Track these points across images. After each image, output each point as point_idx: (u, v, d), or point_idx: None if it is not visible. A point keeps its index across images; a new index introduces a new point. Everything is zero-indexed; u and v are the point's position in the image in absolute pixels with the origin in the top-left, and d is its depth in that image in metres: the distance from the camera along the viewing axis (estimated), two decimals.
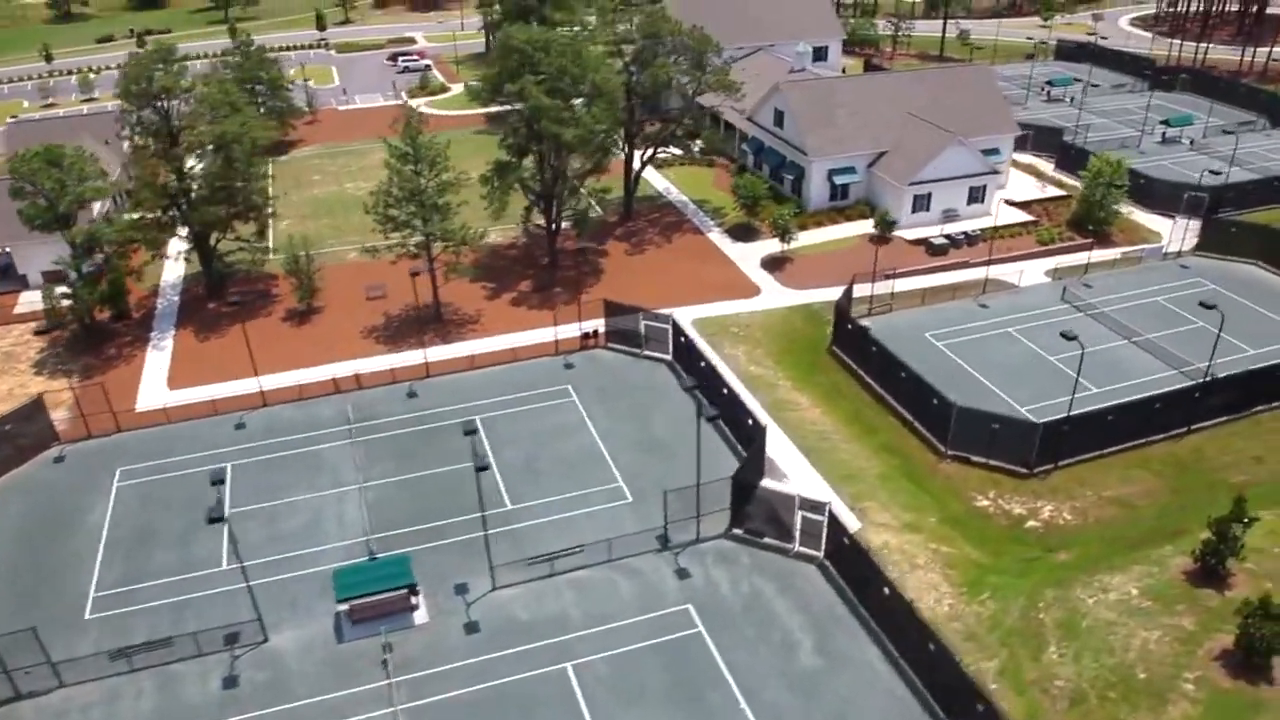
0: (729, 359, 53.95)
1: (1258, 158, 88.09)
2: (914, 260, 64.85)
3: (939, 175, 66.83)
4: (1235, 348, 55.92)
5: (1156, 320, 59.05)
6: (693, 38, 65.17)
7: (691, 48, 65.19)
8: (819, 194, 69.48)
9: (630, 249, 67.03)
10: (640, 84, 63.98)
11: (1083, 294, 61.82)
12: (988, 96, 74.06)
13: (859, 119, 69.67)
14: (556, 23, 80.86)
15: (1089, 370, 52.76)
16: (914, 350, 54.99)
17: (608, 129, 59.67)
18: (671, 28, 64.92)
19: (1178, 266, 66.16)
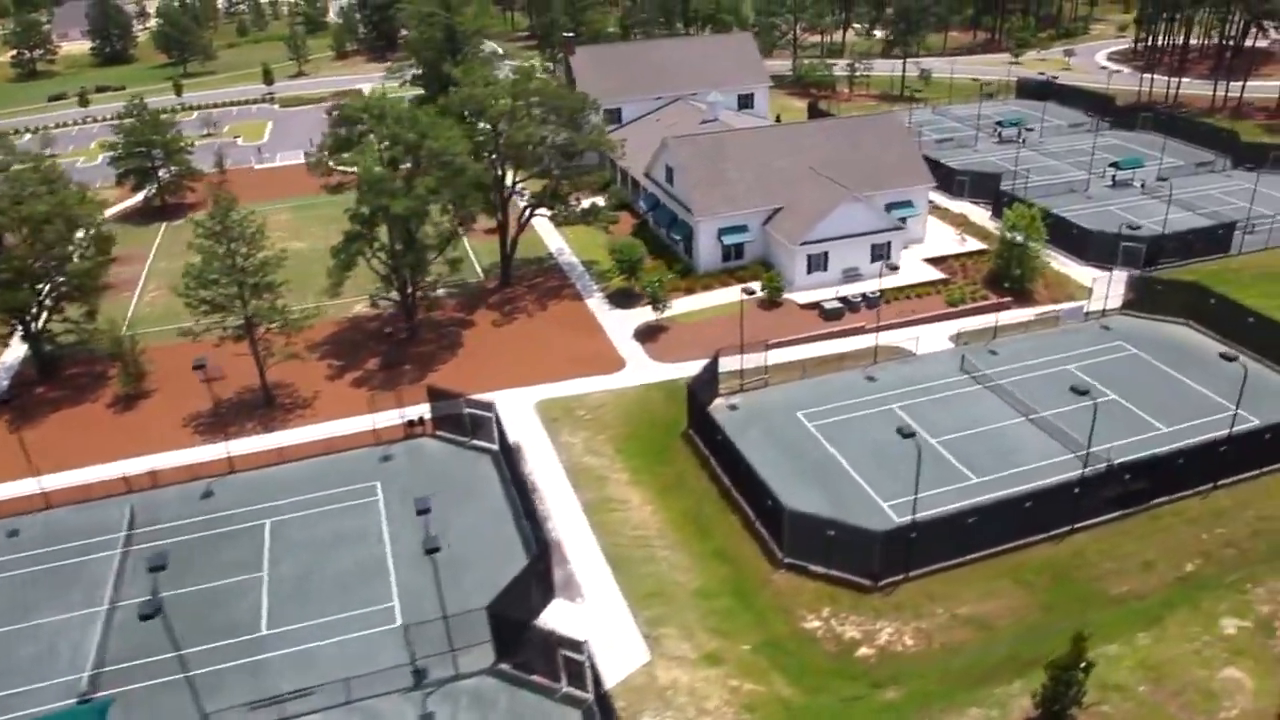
0: (563, 448, 48.68)
1: (1212, 201, 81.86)
2: (805, 326, 59.43)
3: (835, 233, 61.61)
4: (1145, 425, 49.79)
5: (1064, 393, 52.94)
6: (564, 96, 60.82)
7: (563, 107, 60.85)
8: (709, 255, 64.50)
9: (500, 318, 62.28)
10: (505, 146, 59.53)
11: (985, 362, 55.71)
12: (899, 146, 68.94)
13: (754, 174, 64.83)
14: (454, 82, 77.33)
15: (975, 456, 47.03)
16: (781, 433, 49.60)
17: (458, 196, 55.47)
18: (540, 86, 60.69)
19: (1099, 328, 60.08)
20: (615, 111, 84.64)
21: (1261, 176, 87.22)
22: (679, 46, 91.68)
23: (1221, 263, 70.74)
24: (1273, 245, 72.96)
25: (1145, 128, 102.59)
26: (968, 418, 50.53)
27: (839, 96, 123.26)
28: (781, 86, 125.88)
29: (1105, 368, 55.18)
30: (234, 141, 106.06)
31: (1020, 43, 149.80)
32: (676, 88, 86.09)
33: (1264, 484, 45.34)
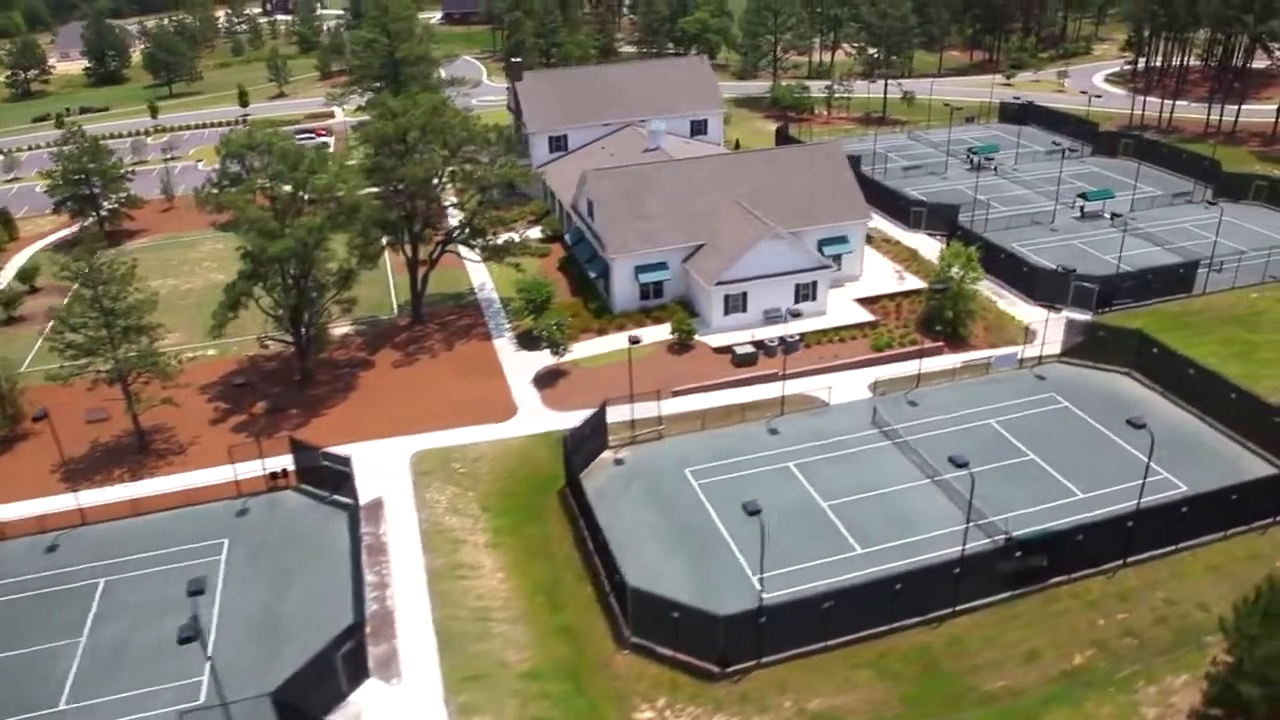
0: (427, 505, 45.86)
1: (1184, 235, 77.43)
2: (716, 372, 56.27)
3: (755, 272, 58.38)
4: (1060, 490, 45.95)
5: (980, 451, 48.93)
6: (470, 130, 58.29)
7: (479, 140, 58.37)
8: (625, 294, 61.51)
9: (402, 359, 59.73)
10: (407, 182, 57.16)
11: (901, 415, 52.21)
12: (836, 179, 65.59)
13: (677, 209, 61.85)
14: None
15: (868, 522, 43.54)
16: (663, 493, 46.39)
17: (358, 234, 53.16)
18: (449, 120, 58.21)
19: (1033, 377, 56.25)
20: (561, 138, 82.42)
21: (1243, 209, 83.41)
22: (631, 71, 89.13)
23: (1183, 304, 66.36)
24: (1240, 284, 68.58)
25: (1127, 154, 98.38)
26: (869, 478, 46.98)
27: (815, 119, 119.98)
28: (758, 109, 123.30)
29: (1030, 422, 51.32)
30: (195, 166, 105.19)
31: (1015, 63, 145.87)
32: (626, 114, 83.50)
33: (1179, 562, 41.34)
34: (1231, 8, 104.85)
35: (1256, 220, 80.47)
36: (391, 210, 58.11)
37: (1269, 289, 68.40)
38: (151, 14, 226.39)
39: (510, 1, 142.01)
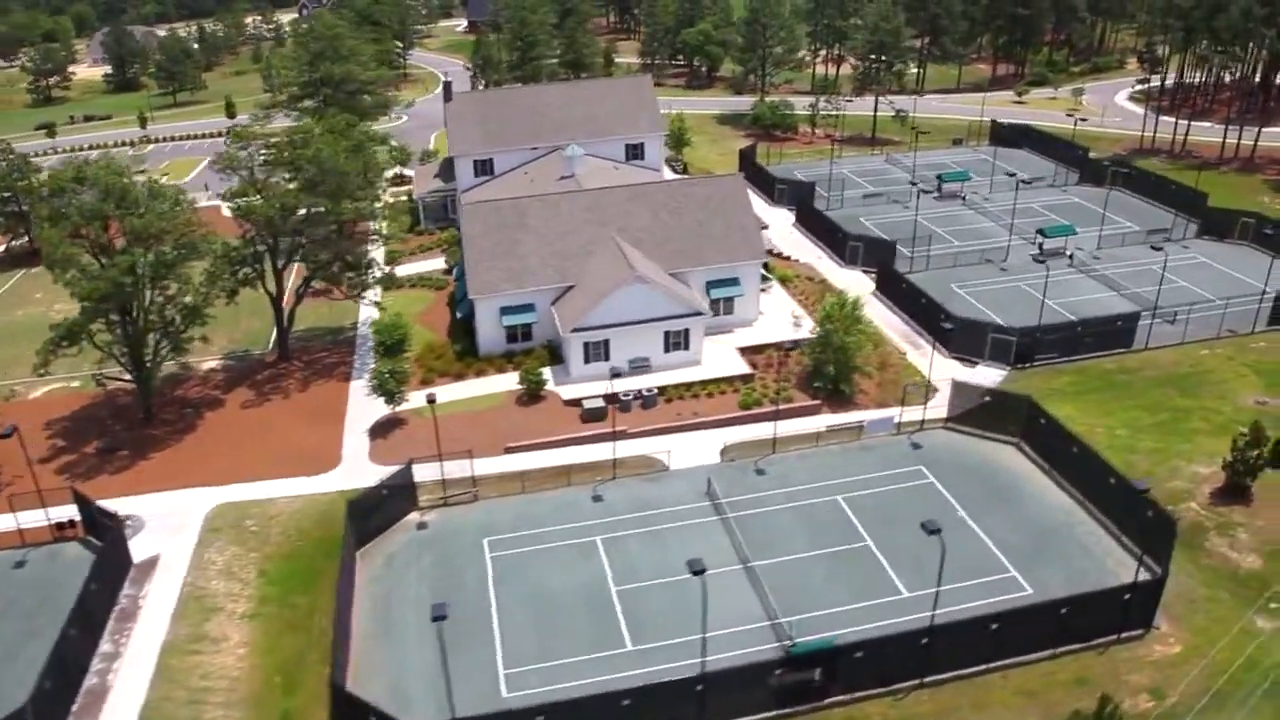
0: (201, 566, 43.52)
1: (1149, 279, 70.43)
2: (561, 427, 52.74)
3: (619, 318, 54.58)
4: (885, 588, 41.09)
5: (815, 533, 44.38)
6: (319, 162, 55.88)
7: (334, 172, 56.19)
8: (490, 336, 58.28)
9: (253, 399, 57.77)
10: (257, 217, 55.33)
11: (743, 485, 47.78)
12: (733, 215, 61.32)
13: (551, 246, 58.52)
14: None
15: (656, 615, 39.64)
16: (451, 566, 43.30)
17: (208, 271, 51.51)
18: (310, 154, 56.08)
19: (908, 445, 51.30)
20: (487, 162, 79.81)
21: (1227, 249, 75.85)
22: (567, 92, 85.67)
23: (1119, 360, 60.14)
24: (1192, 339, 61.90)
25: (1116, 183, 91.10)
26: (677, 560, 42.09)
27: (799, 139, 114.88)
28: (741, 127, 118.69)
29: (884, 500, 46.42)
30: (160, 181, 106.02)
31: (1037, 79, 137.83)
32: (558, 137, 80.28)
33: (987, 685, 36.23)
34: (1252, 20, 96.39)
35: (1237, 262, 72.99)
36: (249, 245, 56.61)
37: (1223, 345, 61.57)
38: (197, 19, 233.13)
39: (512, 12, 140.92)
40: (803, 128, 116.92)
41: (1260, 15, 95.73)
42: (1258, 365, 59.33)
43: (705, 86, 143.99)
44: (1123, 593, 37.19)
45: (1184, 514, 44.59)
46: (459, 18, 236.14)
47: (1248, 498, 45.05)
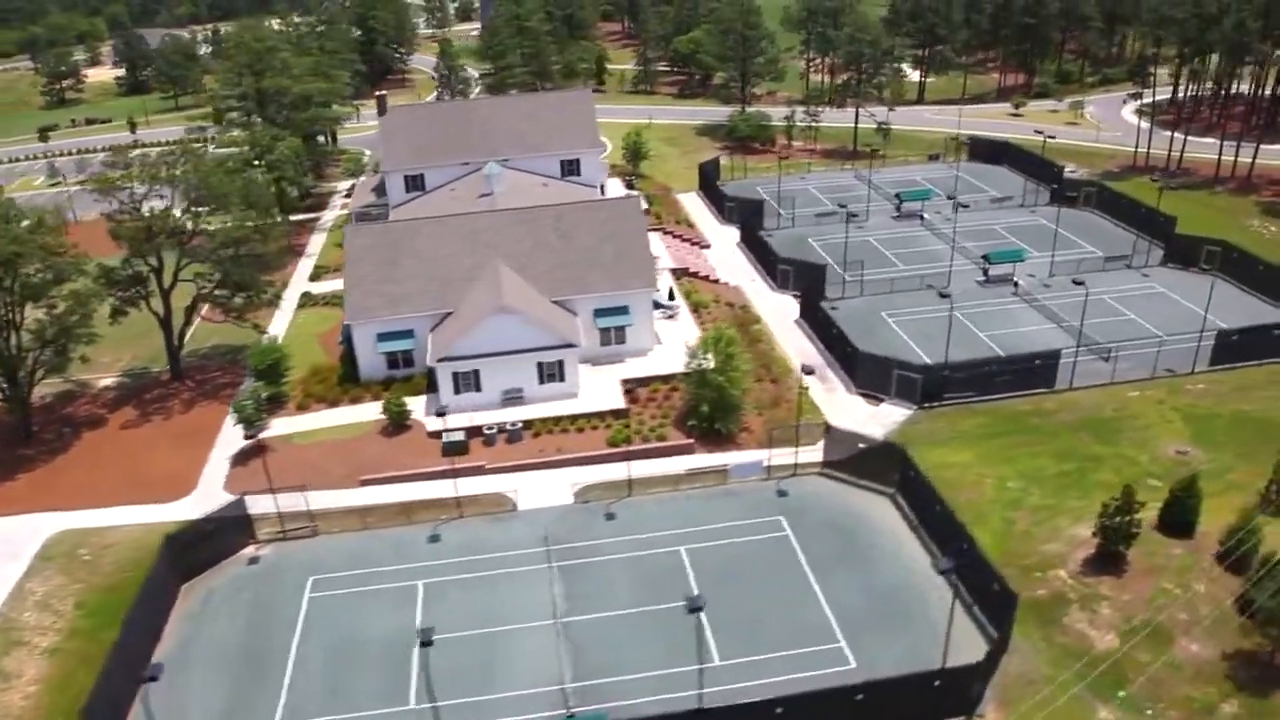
0: (20, 597, 42.70)
1: (1099, 310, 66.46)
2: (420, 460, 50.94)
3: (490, 348, 52.77)
4: (700, 652, 38.91)
5: (646, 588, 41.86)
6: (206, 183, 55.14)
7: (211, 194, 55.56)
8: (370, 362, 56.93)
9: (135, 420, 57.20)
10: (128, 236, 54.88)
11: (586, 531, 45.60)
12: (626, 240, 59.18)
13: (433, 271, 57.01)
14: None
15: (454, 671, 37.80)
16: (269, 608, 42.05)
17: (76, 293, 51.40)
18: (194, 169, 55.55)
19: (774, 492, 48.50)
20: (418, 177, 78.84)
21: (1189, 278, 71.04)
22: (504, 106, 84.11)
23: (1037, 401, 56.62)
24: (1123, 379, 57.95)
25: (1089, 204, 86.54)
26: (495, 610, 40.97)
27: (776, 152, 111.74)
28: (718, 139, 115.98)
29: (730, 554, 43.74)
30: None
31: (1041, 91, 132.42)
32: (491, 152, 78.73)
33: None
34: (1247, 33, 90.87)
35: (1198, 294, 68.36)
36: (127, 266, 56.39)
37: (1155, 387, 57.44)
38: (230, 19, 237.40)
39: (506, 19, 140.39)
40: (782, 140, 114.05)
41: (1255, 29, 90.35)
42: (1189, 410, 55.23)
43: (698, 95, 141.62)
44: (932, 679, 34.25)
45: (1049, 582, 41.33)
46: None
47: (1120, 567, 41.40)
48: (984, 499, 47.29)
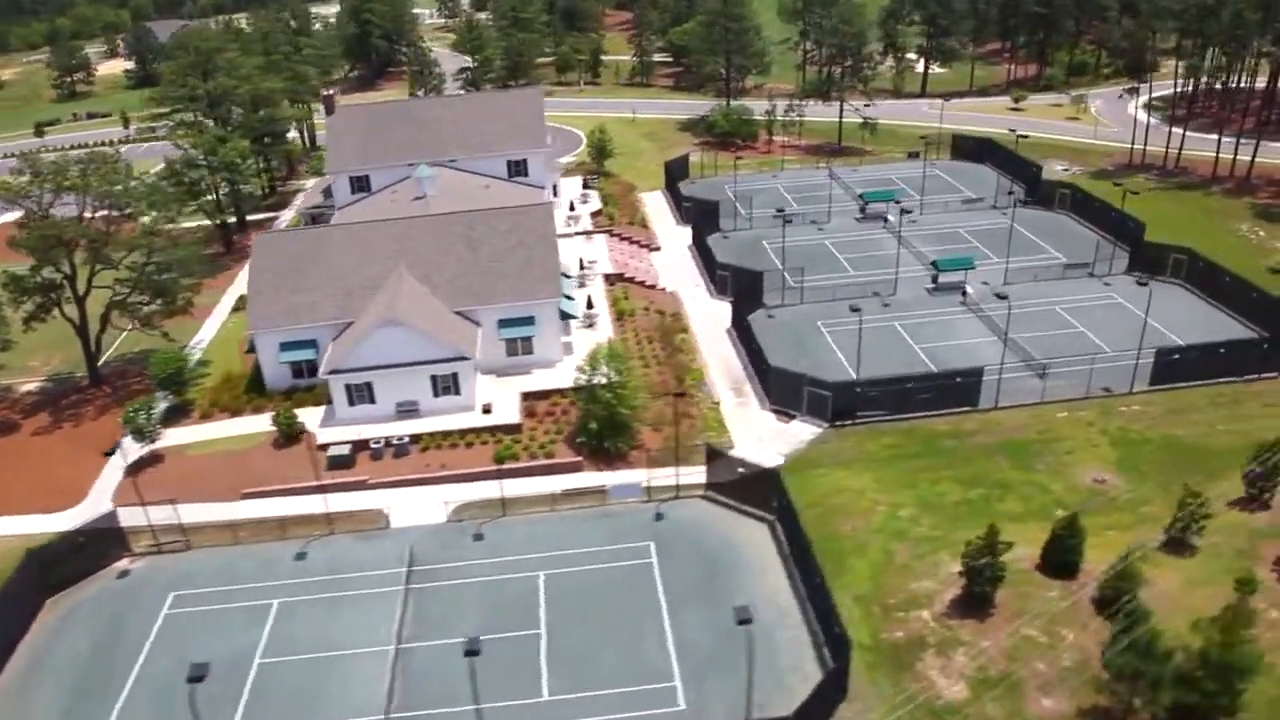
0: None
1: (1049, 322, 63.79)
2: (305, 473, 50.62)
3: (381, 360, 52.26)
4: (530, 687, 37.39)
5: (494, 616, 40.83)
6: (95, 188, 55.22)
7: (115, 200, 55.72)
8: (275, 371, 56.88)
9: (45, 426, 57.69)
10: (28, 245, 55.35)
11: (449, 552, 44.81)
12: (534, 248, 58.02)
13: (341, 279, 56.54)
14: None
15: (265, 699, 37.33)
16: (124, 622, 42.09)
17: None
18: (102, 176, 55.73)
19: (652, 516, 47.06)
20: (363, 179, 78.46)
21: (1157, 288, 67.32)
22: (452, 106, 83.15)
23: (958, 420, 54.28)
24: (1052, 398, 55.27)
25: (1064, 206, 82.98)
26: (339, 634, 40.43)
27: (758, 149, 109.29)
28: (696, 134, 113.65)
29: (586, 581, 42.59)
30: None
31: (1048, 83, 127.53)
32: (437, 153, 78.10)
33: None
34: (1244, 26, 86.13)
35: (1160, 305, 65.01)
36: (36, 273, 57.07)
37: (1088, 407, 54.69)
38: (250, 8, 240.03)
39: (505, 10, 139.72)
40: (765, 135, 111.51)
41: (1254, 20, 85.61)
42: (1119, 434, 52.51)
43: (695, 88, 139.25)
44: None
45: (910, 623, 39.48)
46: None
47: (986, 610, 39.33)
48: (869, 528, 45.51)
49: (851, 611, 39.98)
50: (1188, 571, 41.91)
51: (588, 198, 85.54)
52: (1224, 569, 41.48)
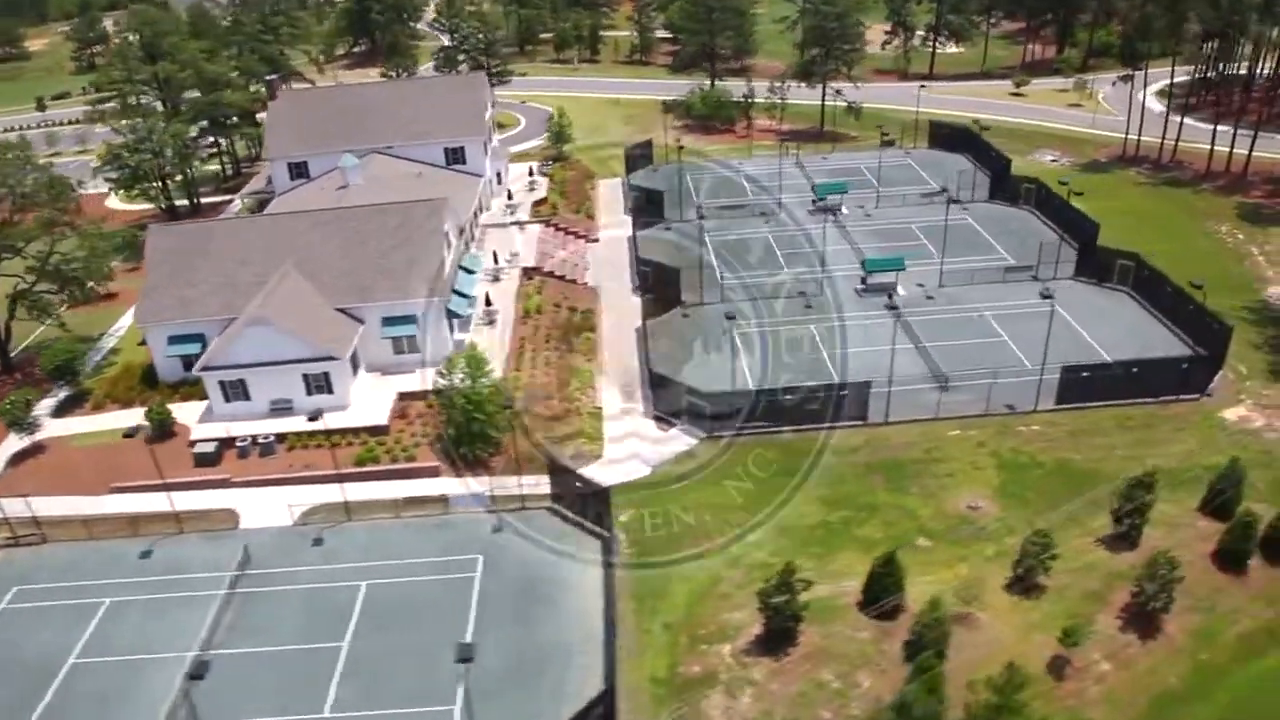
0: None
1: (974, 331, 61.14)
2: (176, 469, 51.65)
3: (254, 358, 52.56)
4: (316, 700, 37.41)
5: (306, 626, 41.04)
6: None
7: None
8: (164, 364, 57.70)
9: None
10: None
11: (287, 556, 45.02)
12: (419, 246, 57.37)
13: (230, 274, 56.93)
14: None
15: (67, 704, 37.98)
16: None
17: None
18: None
19: (490, 527, 46.41)
20: (302, 165, 78.87)
21: (1104, 295, 64.27)
22: (393, 92, 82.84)
23: (844, 435, 51.95)
24: (948, 414, 52.57)
25: (1028, 202, 79.17)
26: (155, 637, 40.93)
27: (735, 134, 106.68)
28: (677, 116, 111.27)
29: (405, 595, 42.38)
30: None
31: (1059, 67, 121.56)
32: (376, 139, 78.04)
33: None
34: (1242, 8, 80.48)
35: (1099, 315, 61.91)
36: None
37: (984, 425, 52.28)
38: None
39: None
40: (742, 119, 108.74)
41: (1255, 3, 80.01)
42: (1009, 457, 50.22)
43: (682, 68, 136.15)
44: None
45: (709, 658, 38.29)
46: None
47: (786, 649, 37.93)
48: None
49: (658, 639, 39.32)
50: (1028, 614, 40.01)
51: (535, 185, 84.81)
52: (1066, 613, 39.54)
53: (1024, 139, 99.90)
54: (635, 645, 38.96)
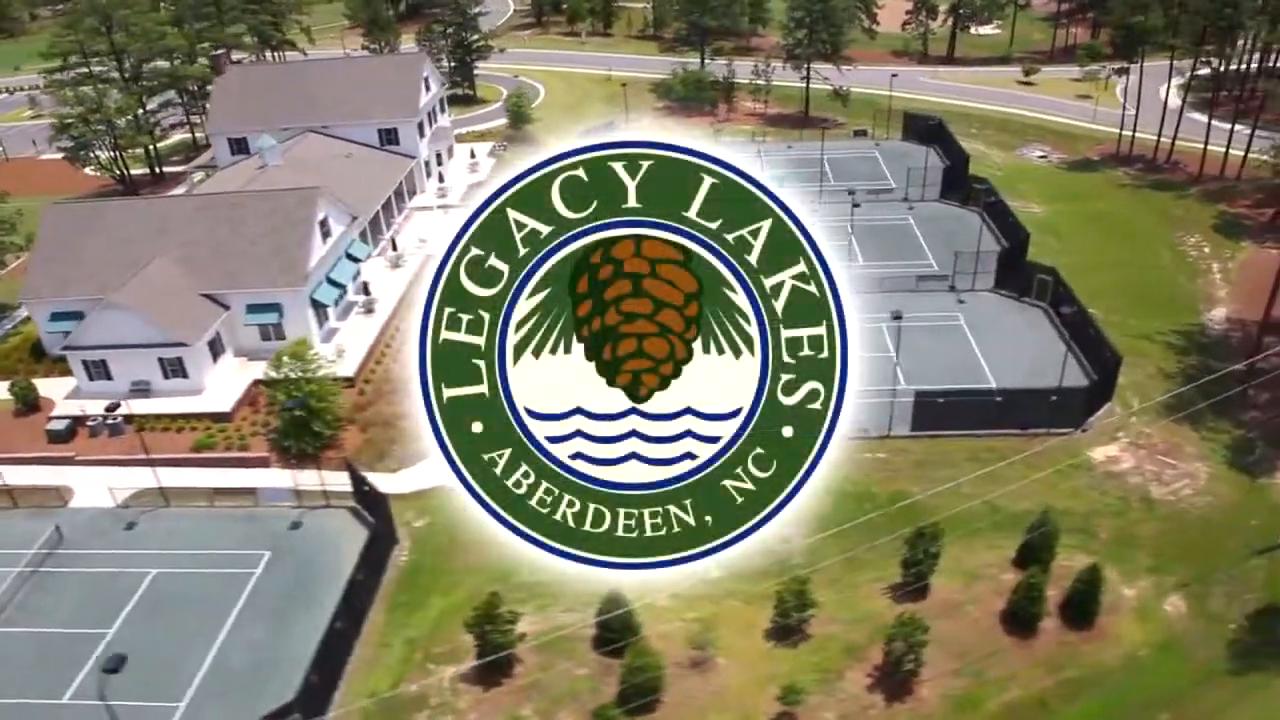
0: None
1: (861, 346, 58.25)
2: (33, 445, 53.93)
3: (113, 340, 54.28)
4: (62, 686, 39.13)
5: (83, 609, 42.38)
6: None
7: None
8: (50, 339, 59.64)
9: None
10: None
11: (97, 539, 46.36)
12: (288, 234, 57.74)
13: (111, 253, 58.46)
14: None
15: None
16: None
17: None
18: None
19: (289, 524, 46.70)
20: (241, 141, 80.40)
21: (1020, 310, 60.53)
22: (334, 70, 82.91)
23: None
24: None
25: (977, 202, 74.66)
26: None
27: (717, 117, 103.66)
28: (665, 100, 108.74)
29: (190, 585, 43.18)
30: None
31: (1087, 51, 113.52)
32: (315, 118, 78.51)
33: None
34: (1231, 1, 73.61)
35: (1010, 334, 58.34)
36: None
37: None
38: None
39: None
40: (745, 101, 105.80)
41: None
42: (842, 486, 47.55)
43: (694, 46, 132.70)
44: None
45: (430, 679, 37.76)
46: None
47: (498, 679, 37.07)
48: (482, 564, 43.10)
49: (395, 653, 39.37)
50: (777, 663, 38.34)
51: (476, 167, 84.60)
52: (816, 666, 37.94)
53: (1015, 132, 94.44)
54: (373, 656, 39.27)
